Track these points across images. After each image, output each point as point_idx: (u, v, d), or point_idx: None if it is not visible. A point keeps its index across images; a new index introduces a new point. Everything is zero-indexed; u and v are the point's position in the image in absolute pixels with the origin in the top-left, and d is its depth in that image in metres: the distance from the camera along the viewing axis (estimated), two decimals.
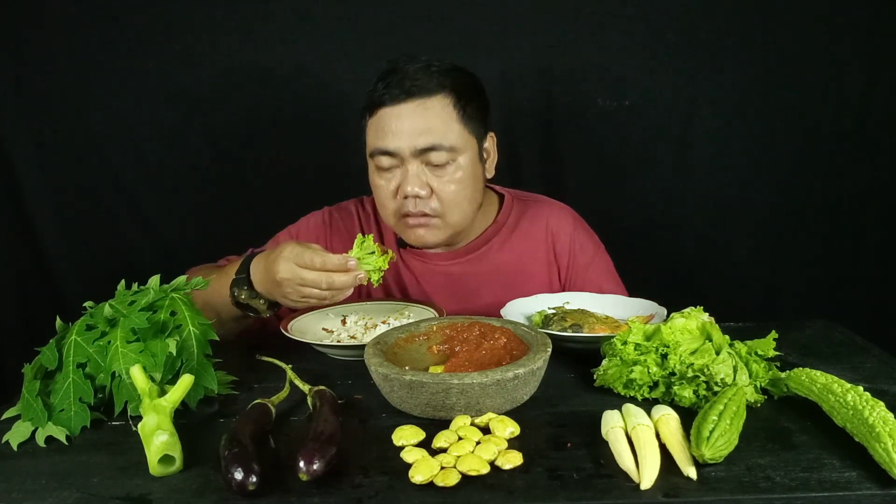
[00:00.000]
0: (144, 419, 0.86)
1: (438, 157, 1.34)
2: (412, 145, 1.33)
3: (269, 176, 2.14)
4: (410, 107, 1.33)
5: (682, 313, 1.07)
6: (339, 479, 0.80)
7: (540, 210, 1.58)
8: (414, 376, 0.93)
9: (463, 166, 1.37)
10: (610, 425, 0.87)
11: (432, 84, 1.34)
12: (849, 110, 2.09)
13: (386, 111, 1.34)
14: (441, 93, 1.35)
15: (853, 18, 2.03)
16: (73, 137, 2.08)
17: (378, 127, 1.36)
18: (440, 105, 1.34)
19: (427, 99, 1.33)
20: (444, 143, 1.34)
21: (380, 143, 1.35)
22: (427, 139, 1.33)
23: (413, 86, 1.33)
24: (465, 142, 1.37)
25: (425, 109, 1.33)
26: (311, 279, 1.12)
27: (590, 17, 2.05)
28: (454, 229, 1.42)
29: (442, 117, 1.34)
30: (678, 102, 2.10)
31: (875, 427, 0.80)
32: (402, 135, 1.33)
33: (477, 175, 1.42)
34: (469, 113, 1.37)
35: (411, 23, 2.04)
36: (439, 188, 1.36)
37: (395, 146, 1.34)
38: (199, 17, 2.03)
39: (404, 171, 1.36)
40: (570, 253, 1.55)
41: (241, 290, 1.24)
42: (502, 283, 1.50)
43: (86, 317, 1.03)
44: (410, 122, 1.33)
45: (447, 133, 1.34)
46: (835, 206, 2.17)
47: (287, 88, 2.09)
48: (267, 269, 1.18)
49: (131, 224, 2.15)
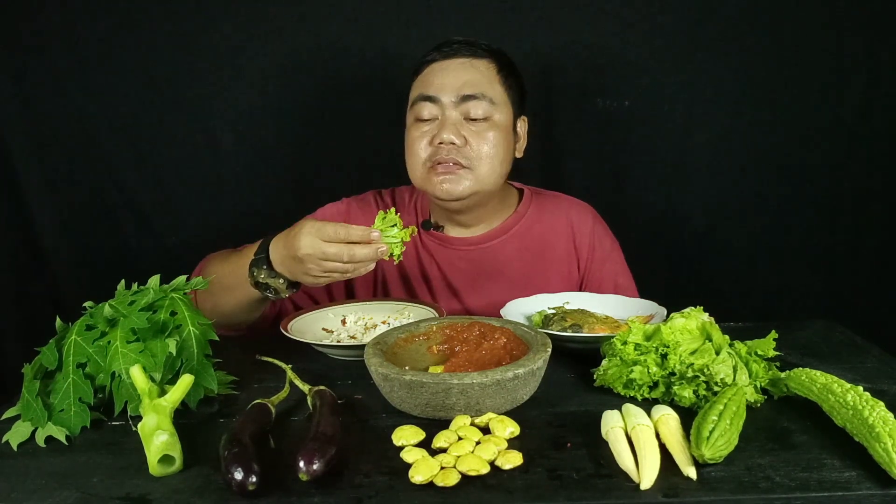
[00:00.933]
0: (144, 419, 0.86)
1: (477, 109, 1.40)
2: (456, 91, 1.41)
3: (269, 176, 2.14)
4: (457, 62, 1.43)
5: (682, 313, 1.07)
6: (338, 479, 0.80)
7: (560, 204, 1.63)
8: (414, 376, 0.93)
9: (498, 125, 1.43)
10: (610, 425, 0.87)
11: (480, 51, 1.45)
12: (849, 110, 2.09)
13: (434, 66, 1.44)
14: (487, 58, 1.45)
15: (854, 18, 2.03)
16: (73, 137, 2.08)
17: (424, 79, 1.45)
18: (485, 66, 1.44)
19: (474, 59, 1.44)
20: (486, 94, 1.41)
21: (424, 90, 1.43)
22: (470, 88, 1.41)
23: (462, 46, 1.44)
24: (504, 103, 1.45)
25: (471, 66, 1.43)
26: (333, 252, 1.12)
27: (590, 16, 2.05)
28: (481, 185, 1.43)
29: (486, 75, 1.44)
30: (678, 102, 2.10)
31: (875, 427, 0.80)
32: (447, 82, 1.42)
33: (509, 142, 1.47)
34: (510, 82, 1.47)
35: (409, 23, 2.04)
36: (473, 140, 1.41)
37: (438, 91, 1.41)
38: (199, 17, 2.03)
39: (442, 120, 1.42)
40: (590, 246, 1.60)
41: (260, 270, 1.23)
42: (522, 270, 1.54)
43: (86, 317, 1.03)
44: (456, 75, 1.42)
45: (489, 88, 1.42)
46: (835, 206, 2.16)
47: (287, 89, 2.09)
48: (287, 246, 1.18)
49: (131, 224, 2.15)
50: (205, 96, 2.08)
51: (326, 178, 2.12)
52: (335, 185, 1.83)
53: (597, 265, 1.59)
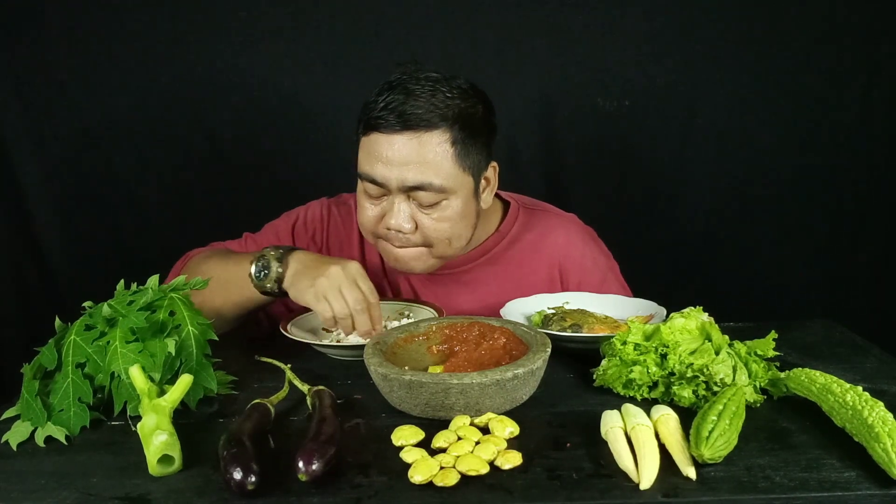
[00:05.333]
0: (144, 419, 0.86)
1: (427, 197, 1.26)
2: (401, 181, 1.25)
3: (269, 176, 2.14)
4: (404, 139, 1.24)
5: (682, 313, 1.07)
6: (338, 479, 0.80)
7: (548, 222, 1.50)
8: (413, 376, 0.93)
9: (454, 205, 1.29)
10: (609, 425, 0.87)
11: (433, 117, 1.24)
12: (849, 110, 2.09)
13: (379, 137, 1.25)
14: (441, 127, 1.25)
15: (853, 18, 2.03)
16: (73, 137, 2.08)
17: (369, 150, 1.27)
18: (437, 141, 1.24)
19: (424, 133, 1.24)
20: (435, 183, 1.25)
21: (368, 168, 1.27)
22: (417, 177, 1.24)
23: (412, 115, 1.23)
24: (460, 182, 1.29)
25: (420, 144, 1.24)
26: (354, 296, 1.18)
27: (590, 17, 2.05)
28: (444, 256, 1.36)
29: (437, 154, 1.25)
30: (678, 102, 2.10)
31: (874, 427, 0.80)
32: (391, 167, 1.24)
33: (469, 212, 1.33)
34: (468, 149, 1.28)
35: (411, 26, 2.04)
36: (425, 224, 1.29)
37: (383, 177, 1.25)
38: (199, 17, 2.04)
39: (391, 202, 1.29)
40: (584, 269, 1.48)
41: (276, 251, 1.25)
42: (500, 296, 1.41)
43: (85, 317, 1.03)
44: (402, 155, 1.24)
45: (439, 172, 1.25)
46: (835, 205, 2.17)
47: (288, 88, 2.09)
48: (326, 259, 1.24)
49: (131, 223, 2.15)
50: (206, 96, 2.08)
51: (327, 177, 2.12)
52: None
53: (594, 289, 1.44)
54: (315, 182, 2.07)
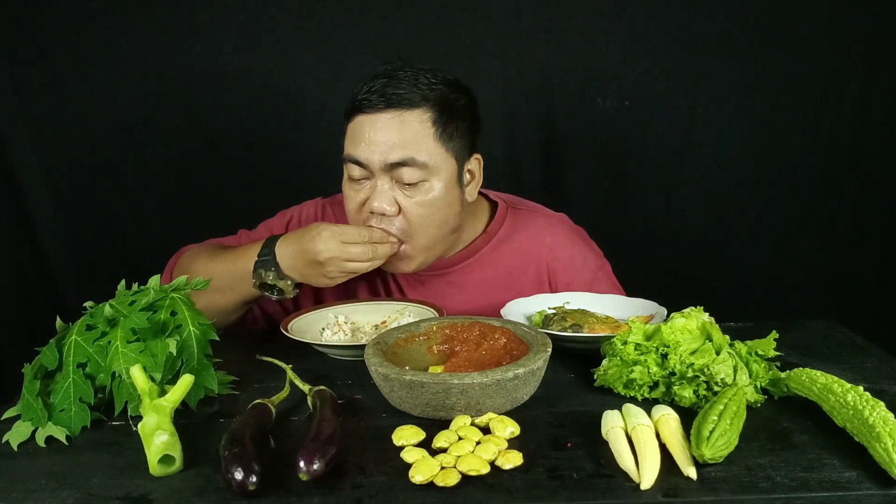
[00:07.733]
0: (144, 419, 0.86)
1: (410, 175, 1.27)
2: (383, 158, 1.26)
3: (268, 175, 2.14)
4: (387, 117, 1.26)
5: (682, 313, 1.07)
6: (339, 479, 0.80)
7: (536, 222, 1.50)
8: (414, 376, 0.93)
9: (436, 188, 1.30)
10: (610, 425, 0.87)
11: (415, 96, 1.27)
12: (849, 110, 2.10)
13: (363, 118, 1.28)
14: (422, 106, 1.28)
15: (853, 18, 2.03)
16: (73, 137, 2.08)
17: (353, 133, 1.30)
18: (418, 119, 1.27)
19: (405, 111, 1.27)
20: (417, 159, 1.26)
21: (352, 150, 1.29)
22: (399, 154, 1.26)
23: (394, 94, 1.26)
24: (442, 161, 1.30)
25: (401, 122, 1.26)
26: (358, 252, 1.20)
27: (590, 16, 2.05)
28: (425, 256, 1.36)
29: (418, 132, 1.27)
30: (678, 102, 2.11)
31: (875, 427, 0.80)
32: (374, 145, 1.26)
33: (452, 199, 1.33)
34: (450, 132, 1.30)
35: (410, 25, 2.04)
36: (408, 208, 1.29)
37: (366, 157, 1.27)
38: (199, 17, 2.04)
39: (373, 184, 1.30)
40: (572, 269, 1.48)
41: (268, 271, 1.25)
42: (488, 298, 1.43)
43: (86, 317, 1.03)
44: (385, 134, 1.26)
45: (421, 149, 1.27)
46: (835, 205, 2.17)
47: (287, 89, 2.09)
48: (303, 251, 1.23)
49: (131, 224, 2.15)
50: (206, 96, 2.08)
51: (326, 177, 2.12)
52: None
53: (584, 287, 1.43)
54: (313, 181, 2.07)
